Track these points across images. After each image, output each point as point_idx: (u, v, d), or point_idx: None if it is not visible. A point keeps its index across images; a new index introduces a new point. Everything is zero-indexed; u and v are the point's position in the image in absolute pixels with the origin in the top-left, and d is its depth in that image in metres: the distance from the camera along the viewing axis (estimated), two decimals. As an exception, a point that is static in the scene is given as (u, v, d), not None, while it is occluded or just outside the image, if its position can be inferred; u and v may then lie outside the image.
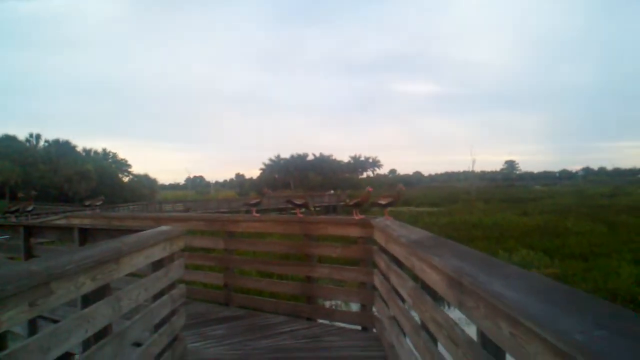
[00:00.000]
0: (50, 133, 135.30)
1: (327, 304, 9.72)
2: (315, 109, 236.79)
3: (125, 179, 74.45)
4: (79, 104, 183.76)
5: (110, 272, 3.24)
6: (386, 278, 4.88)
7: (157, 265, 4.37)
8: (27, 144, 68.30)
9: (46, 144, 70.37)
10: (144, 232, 4.52)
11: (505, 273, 2.23)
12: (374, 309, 5.95)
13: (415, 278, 3.65)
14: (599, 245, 18.58)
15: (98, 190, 49.95)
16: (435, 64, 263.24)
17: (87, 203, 11.33)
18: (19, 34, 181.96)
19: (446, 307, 5.39)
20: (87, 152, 73.88)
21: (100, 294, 3.19)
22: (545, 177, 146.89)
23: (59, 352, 2.55)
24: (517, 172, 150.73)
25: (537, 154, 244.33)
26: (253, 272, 9.34)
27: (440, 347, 3.07)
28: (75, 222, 8.58)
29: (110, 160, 77.68)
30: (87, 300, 3.16)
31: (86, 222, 8.60)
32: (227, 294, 7.24)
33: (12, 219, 8.12)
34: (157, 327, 4.33)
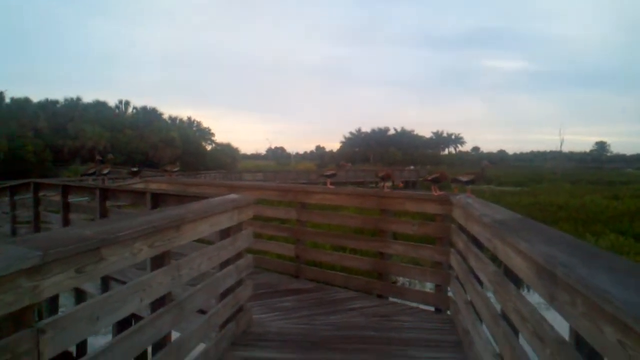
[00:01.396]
0: (138, 100, 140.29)
1: (399, 281, 9.44)
2: (398, 83, 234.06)
3: (208, 148, 76.27)
4: (167, 73, 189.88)
5: (169, 239, 3.11)
6: (464, 259, 4.56)
7: (224, 233, 4.24)
8: (117, 110, 71.05)
9: (134, 110, 72.98)
10: (212, 199, 4.40)
11: (611, 266, 1.88)
12: (449, 290, 5.63)
13: (496, 260, 3.34)
14: (698, 234, 17.17)
15: (182, 157, 51.46)
16: (523, 39, 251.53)
17: (167, 168, 11.56)
18: (111, 5, 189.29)
19: (525, 291, 5.00)
20: (173, 120, 75.96)
21: (159, 261, 3.07)
22: (639, 160, 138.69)
23: (110, 320, 2.44)
24: (608, 154, 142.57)
25: (631, 136, 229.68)
26: (325, 245, 9.17)
27: (522, 340, 2.77)
28: (153, 186, 8.69)
29: (194, 128, 79.67)
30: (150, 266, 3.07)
31: (162, 187, 8.71)
32: (298, 265, 7.10)
33: (90, 181, 8.28)
34: (222, 296, 4.22)
